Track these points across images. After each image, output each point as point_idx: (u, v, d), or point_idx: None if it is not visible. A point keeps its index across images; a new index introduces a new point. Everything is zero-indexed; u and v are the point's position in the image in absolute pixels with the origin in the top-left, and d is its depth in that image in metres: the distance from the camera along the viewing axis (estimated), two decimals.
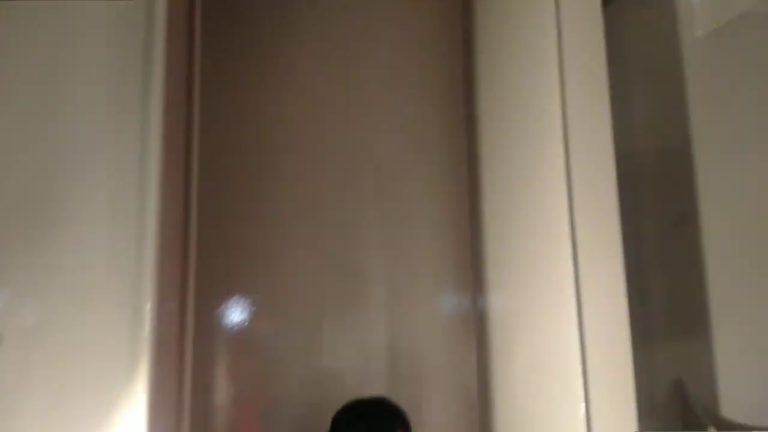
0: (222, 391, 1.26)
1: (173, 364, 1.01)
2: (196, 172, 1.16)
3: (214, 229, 1.30)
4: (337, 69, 1.50)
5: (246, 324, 1.29)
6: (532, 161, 1.26)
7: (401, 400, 1.32)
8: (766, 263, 1.55)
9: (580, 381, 1.16)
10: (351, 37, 1.53)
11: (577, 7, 1.13)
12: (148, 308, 0.75)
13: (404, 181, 1.48)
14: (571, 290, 1.18)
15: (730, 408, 1.49)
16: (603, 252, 1.23)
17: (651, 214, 1.56)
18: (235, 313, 1.29)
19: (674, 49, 1.51)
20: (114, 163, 0.84)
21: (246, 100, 1.43)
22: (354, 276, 1.41)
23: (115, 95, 0.86)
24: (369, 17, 1.55)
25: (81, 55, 0.88)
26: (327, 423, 1.28)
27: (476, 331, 1.46)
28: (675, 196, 1.56)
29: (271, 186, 1.39)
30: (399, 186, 1.47)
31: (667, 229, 1.57)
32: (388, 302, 1.41)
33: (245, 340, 1.30)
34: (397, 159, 1.50)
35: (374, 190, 1.45)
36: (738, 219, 1.57)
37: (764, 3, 1.47)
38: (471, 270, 1.50)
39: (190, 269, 1.12)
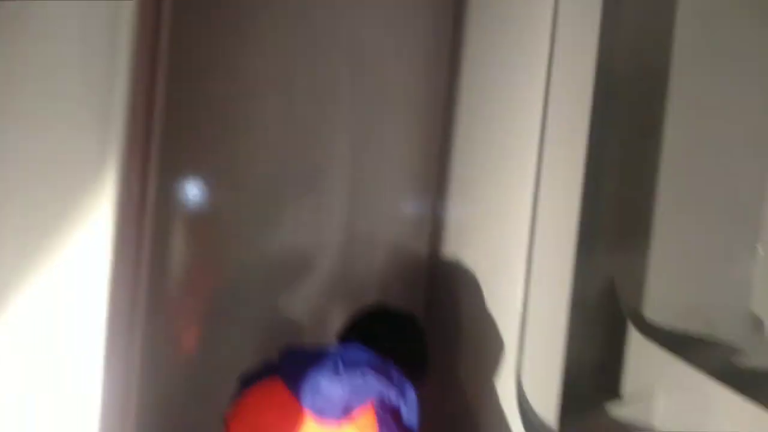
0: (179, 260, 1.28)
1: (133, 230, 1.03)
2: (167, 31, 1.09)
3: (182, 92, 1.23)
4: None
5: (207, 195, 1.29)
6: (513, 68, 1.27)
7: (355, 272, 1.40)
8: (713, 185, 1.64)
9: (521, 276, 1.24)
10: None
11: None
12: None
13: (382, 67, 1.43)
14: (529, 189, 1.23)
15: (656, 311, 1.65)
16: (566, 156, 1.27)
17: (620, 125, 1.59)
18: (198, 184, 1.28)
19: None
20: None
21: None
22: (321, 154, 1.40)
23: None
24: None
25: None
26: (283, 296, 1.36)
27: (431, 225, 1.50)
28: (646, 111, 1.59)
29: (245, 49, 1.30)
30: (376, 71, 1.42)
31: (632, 141, 1.61)
32: (351, 183, 1.42)
33: (205, 211, 1.30)
34: (378, 43, 1.43)
35: (350, 71, 1.40)
36: (700, 140, 1.63)
37: None
38: (435, 167, 1.50)
39: (153, 136, 1.09)
